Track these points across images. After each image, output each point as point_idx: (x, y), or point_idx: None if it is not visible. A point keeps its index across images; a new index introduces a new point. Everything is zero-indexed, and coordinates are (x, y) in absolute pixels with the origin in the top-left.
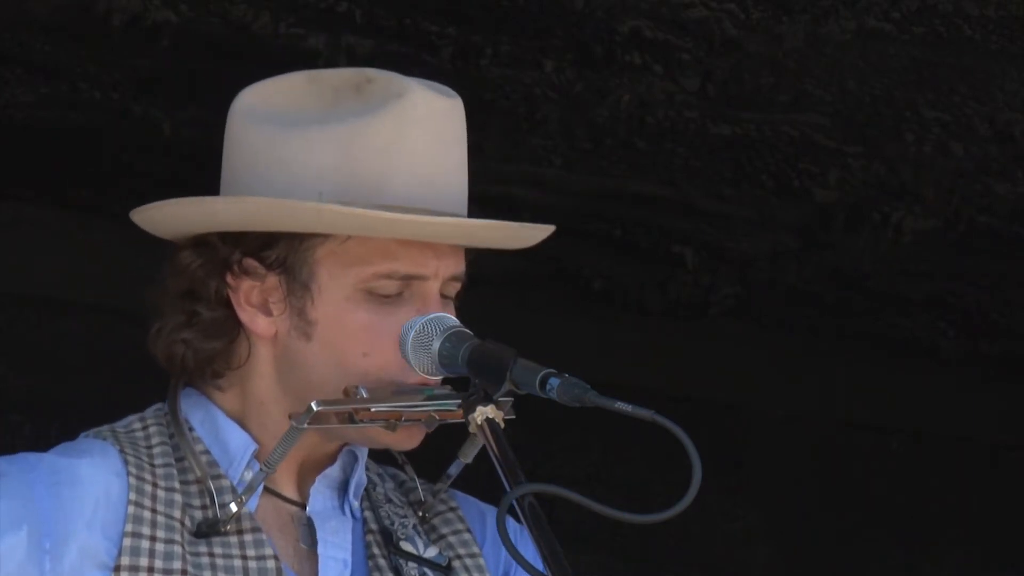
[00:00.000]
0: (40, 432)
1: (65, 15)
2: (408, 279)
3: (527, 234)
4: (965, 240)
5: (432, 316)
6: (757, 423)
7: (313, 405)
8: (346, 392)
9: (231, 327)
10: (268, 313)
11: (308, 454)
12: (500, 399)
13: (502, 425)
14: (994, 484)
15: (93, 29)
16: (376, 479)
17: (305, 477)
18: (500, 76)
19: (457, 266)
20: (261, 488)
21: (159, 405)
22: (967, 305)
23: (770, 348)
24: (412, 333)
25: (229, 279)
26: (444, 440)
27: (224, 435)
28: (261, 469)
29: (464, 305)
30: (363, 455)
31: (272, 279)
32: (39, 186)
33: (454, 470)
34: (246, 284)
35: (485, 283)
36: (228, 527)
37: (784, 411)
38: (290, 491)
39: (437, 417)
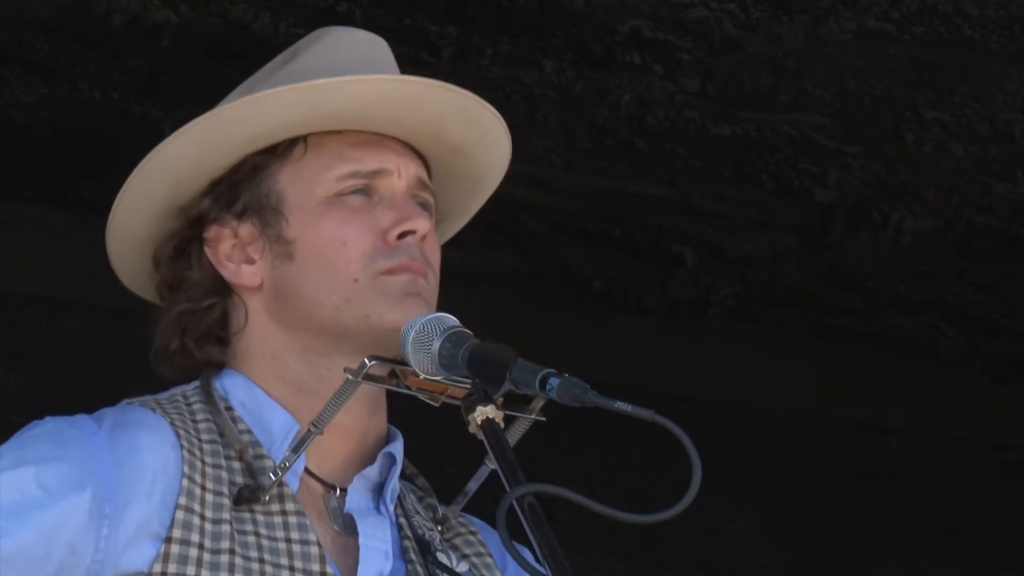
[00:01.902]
0: None
1: (65, 15)
2: (371, 177)
3: (455, 105)
4: (965, 240)
5: (432, 316)
6: (757, 423)
7: (366, 360)
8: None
9: (220, 287)
10: (250, 261)
11: (354, 442)
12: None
13: (502, 425)
14: (994, 484)
15: (93, 29)
16: (403, 488)
17: (346, 468)
18: (500, 76)
19: (419, 166)
20: (302, 469)
21: (197, 384)
22: (967, 305)
23: (770, 348)
24: (412, 333)
25: (206, 238)
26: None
27: (267, 416)
28: (310, 429)
29: (464, 305)
30: (400, 459)
31: (245, 227)
32: (39, 186)
33: (473, 486)
34: (223, 242)
35: (485, 283)
36: (269, 497)
37: (784, 411)
38: (328, 477)
39: None
